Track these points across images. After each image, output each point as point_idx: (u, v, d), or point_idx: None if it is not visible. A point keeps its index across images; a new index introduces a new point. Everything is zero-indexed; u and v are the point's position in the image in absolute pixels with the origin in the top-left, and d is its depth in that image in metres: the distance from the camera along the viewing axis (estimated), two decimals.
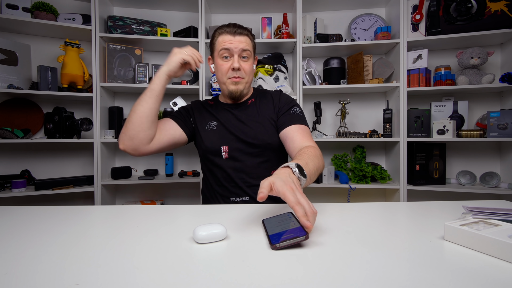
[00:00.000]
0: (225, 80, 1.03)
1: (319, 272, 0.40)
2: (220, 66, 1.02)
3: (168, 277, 0.39)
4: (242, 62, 1.01)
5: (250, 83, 1.07)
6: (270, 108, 1.07)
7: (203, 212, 0.74)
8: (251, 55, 1.04)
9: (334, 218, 0.66)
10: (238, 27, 1.01)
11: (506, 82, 1.70)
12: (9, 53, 1.73)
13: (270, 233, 0.53)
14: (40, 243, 0.52)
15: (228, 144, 1.01)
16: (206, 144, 1.03)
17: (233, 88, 1.02)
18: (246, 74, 1.02)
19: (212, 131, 1.04)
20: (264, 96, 1.11)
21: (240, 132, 1.02)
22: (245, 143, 1.01)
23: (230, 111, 1.08)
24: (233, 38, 1.00)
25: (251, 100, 1.11)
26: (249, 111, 1.07)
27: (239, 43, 0.99)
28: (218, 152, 1.02)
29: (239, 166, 1.00)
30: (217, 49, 1.02)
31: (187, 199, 2.14)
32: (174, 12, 2.12)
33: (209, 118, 1.08)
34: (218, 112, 1.08)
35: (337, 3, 2.03)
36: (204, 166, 1.09)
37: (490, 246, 0.45)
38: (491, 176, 1.80)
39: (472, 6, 1.74)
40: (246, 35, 1.02)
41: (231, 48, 0.99)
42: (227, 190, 1.01)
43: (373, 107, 2.11)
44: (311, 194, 2.12)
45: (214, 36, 1.04)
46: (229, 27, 1.01)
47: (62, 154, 2.01)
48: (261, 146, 1.01)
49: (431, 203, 0.80)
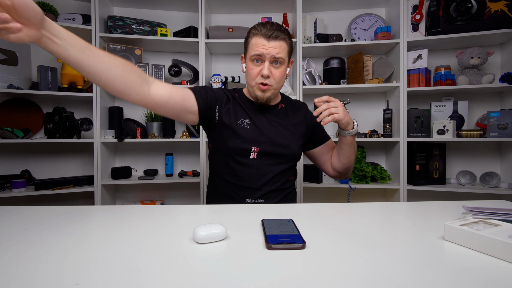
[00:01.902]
0: (253, 84, 0.97)
1: (319, 272, 0.40)
2: (250, 70, 0.97)
3: (168, 277, 0.39)
4: (273, 68, 0.95)
5: (278, 90, 1.02)
6: (300, 120, 1.08)
7: (203, 212, 0.74)
8: (285, 61, 0.97)
9: (334, 218, 0.66)
10: (274, 29, 0.93)
11: (506, 82, 1.70)
12: (9, 53, 1.73)
13: (268, 233, 0.53)
14: (40, 243, 0.52)
15: (260, 146, 0.97)
16: (237, 142, 0.96)
17: (259, 94, 0.98)
18: (275, 82, 0.97)
19: (244, 129, 0.98)
20: (293, 105, 1.11)
21: (275, 136, 0.99)
22: (277, 149, 0.98)
23: (262, 112, 1.03)
24: (267, 43, 0.92)
25: (281, 105, 1.08)
26: (281, 117, 1.05)
27: (273, 49, 0.92)
28: (247, 152, 0.97)
29: (265, 169, 0.98)
30: (249, 51, 0.97)
31: (187, 199, 2.14)
32: (174, 12, 2.12)
33: (241, 114, 1.00)
34: (250, 109, 1.02)
35: (337, 3, 2.03)
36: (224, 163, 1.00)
37: (490, 246, 0.45)
38: (491, 176, 1.80)
39: (472, 6, 1.74)
40: (282, 39, 0.94)
41: (263, 54, 0.93)
42: (246, 190, 0.97)
43: (373, 107, 2.11)
44: (311, 194, 2.12)
45: (249, 36, 0.98)
46: (265, 27, 0.94)
47: (62, 154, 2.01)
48: (290, 155, 1.01)
49: (431, 203, 0.80)
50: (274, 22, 0.96)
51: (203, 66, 1.88)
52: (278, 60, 0.94)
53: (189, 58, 2.09)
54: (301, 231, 0.56)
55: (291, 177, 1.06)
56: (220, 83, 1.94)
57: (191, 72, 2.01)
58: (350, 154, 1.02)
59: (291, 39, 0.99)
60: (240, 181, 0.98)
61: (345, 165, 1.05)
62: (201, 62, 1.88)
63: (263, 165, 0.98)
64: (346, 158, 1.03)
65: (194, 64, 2.02)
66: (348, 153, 1.02)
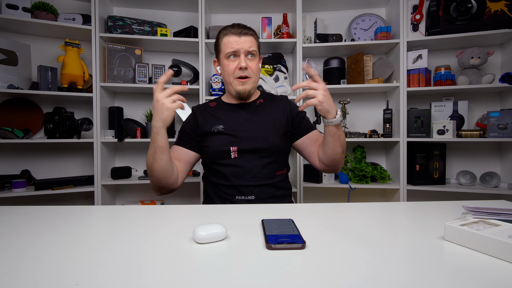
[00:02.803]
0: (232, 80, 1.02)
1: (319, 272, 0.40)
2: (226, 66, 1.02)
3: (168, 277, 0.39)
4: (249, 61, 1.01)
5: (257, 83, 1.07)
6: (280, 111, 1.08)
7: (203, 212, 0.74)
8: (257, 54, 1.04)
9: (334, 218, 0.66)
10: (243, 27, 1.02)
11: (506, 82, 1.70)
12: (9, 53, 1.73)
13: (268, 233, 0.53)
14: (40, 243, 0.52)
15: (238, 144, 1.01)
16: (214, 146, 1.02)
17: (240, 88, 1.02)
18: (253, 73, 1.03)
19: (220, 133, 1.03)
20: (272, 100, 1.13)
21: (251, 132, 1.02)
22: (255, 144, 1.01)
23: (238, 111, 1.07)
24: (239, 38, 1.00)
25: (260, 101, 1.11)
26: (259, 112, 1.07)
27: (245, 43, 1.00)
28: (227, 153, 1.01)
29: (248, 165, 1.00)
30: (223, 50, 1.02)
31: (187, 199, 2.14)
32: (174, 12, 2.12)
33: (213, 122, 1.05)
34: (224, 113, 1.07)
35: (337, 3, 2.03)
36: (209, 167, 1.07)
37: (490, 246, 0.45)
38: (491, 176, 1.80)
39: (472, 6, 1.74)
40: (251, 35, 1.03)
41: (237, 48, 0.99)
42: (233, 189, 1.00)
43: (373, 107, 2.11)
44: (312, 193, 2.12)
45: (219, 37, 1.05)
46: (233, 27, 1.02)
47: (62, 154, 2.01)
48: (271, 147, 1.02)
49: (431, 203, 0.80)
50: (240, 23, 1.04)
51: (203, 66, 1.88)
52: (252, 53, 1.01)
53: (189, 58, 2.09)
54: (301, 231, 0.56)
55: (280, 171, 1.06)
56: (220, 83, 1.94)
57: (191, 72, 2.01)
58: (335, 146, 0.94)
59: (258, 36, 1.07)
60: (227, 181, 1.01)
61: (330, 157, 0.97)
62: (201, 62, 1.88)
63: (245, 161, 1.00)
64: (330, 150, 0.96)
65: (194, 64, 2.02)
66: (333, 145, 0.94)
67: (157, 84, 0.84)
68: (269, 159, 1.02)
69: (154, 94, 0.85)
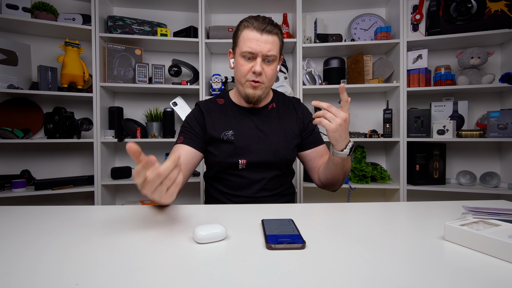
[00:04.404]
0: (243, 81, 0.93)
1: (319, 272, 0.40)
2: (240, 66, 0.91)
3: (168, 277, 0.39)
4: (265, 65, 0.91)
5: (269, 88, 0.98)
6: (292, 119, 1.03)
7: (203, 212, 0.74)
8: (276, 58, 0.92)
9: (334, 218, 0.66)
10: (267, 22, 0.89)
11: (506, 82, 1.70)
12: (9, 53, 1.73)
13: (268, 233, 0.53)
14: (40, 243, 0.52)
15: (247, 157, 0.95)
16: (222, 157, 0.95)
17: (250, 92, 0.93)
18: (267, 79, 0.92)
19: (229, 142, 0.95)
20: (285, 103, 1.06)
21: (262, 144, 0.96)
22: (265, 157, 0.96)
23: (249, 116, 0.99)
24: (260, 36, 0.87)
25: (272, 105, 1.03)
26: (271, 120, 1.01)
27: (265, 44, 0.88)
28: (235, 165, 0.96)
29: (255, 178, 0.97)
30: (240, 46, 0.90)
31: (187, 199, 2.14)
32: (174, 12, 2.12)
33: (223, 125, 0.97)
34: (234, 117, 0.99)
35: (337, 3, 2.03)
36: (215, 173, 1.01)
37: (490, 246, 0.45)
38: (491, 176, 1.80)
39: (472, 6, 1.74)
40: (275, 34, 0.89)
41: (255, 51, 0.87)
42: (239, 198, 0.97)
43: (373, 107, 2.11)
44: (312, 193, 2.12)
45: (239, 29, 0.92)
46: (257, 20, 0.89)
47: (62, 154, 2.01)
48: (280, 161, 0.98)
49: (431, 203, 0.80)
50: (266, 16, 0.91)
51: (203, 66, 1.88)
52: (270, 58, 0.90)
53: (189, 58, 2.09)
54: (301, 231, 0.56)
55: (286, 180, 1.05)
56: (220, 83, 1.94)
57: (191, 72, 2.01)
58: (337, 174, 0.90)
59: (282, 34, 0.95)
60: (233, 190, 0.98)
61: (329, 180, 0.94)
62: (201, 62, 1.88)
63: (253, 174, 0.97)
64: (330, 174, 0.92)
65: (194, 64, 2.02)
66: (334, 172, 0.90)
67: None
68: (277, 171, 0.99)
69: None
